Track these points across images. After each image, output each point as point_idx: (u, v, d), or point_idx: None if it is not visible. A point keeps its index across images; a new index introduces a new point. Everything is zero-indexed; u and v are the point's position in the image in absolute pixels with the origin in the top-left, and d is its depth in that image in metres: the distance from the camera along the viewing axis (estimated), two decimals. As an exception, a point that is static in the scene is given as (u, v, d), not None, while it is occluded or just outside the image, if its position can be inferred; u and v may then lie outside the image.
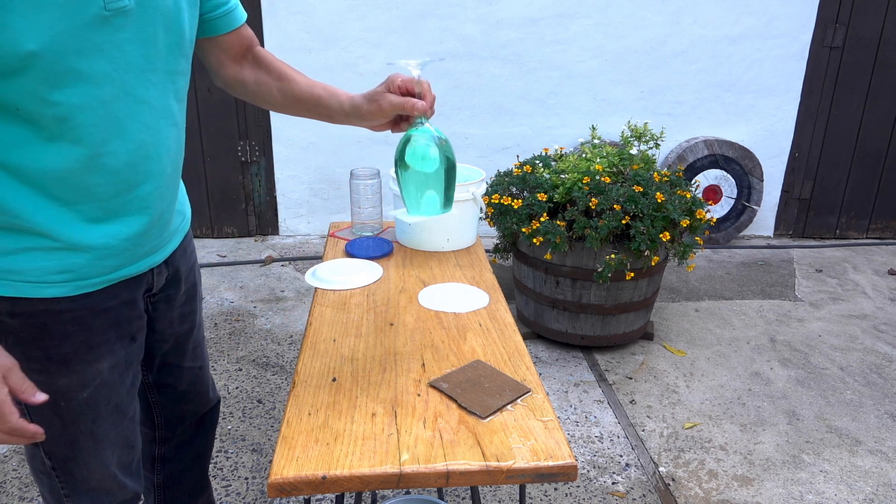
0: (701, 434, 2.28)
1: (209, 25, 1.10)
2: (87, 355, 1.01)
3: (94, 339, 1.01)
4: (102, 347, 1.03)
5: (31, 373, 0.98)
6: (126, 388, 1.10)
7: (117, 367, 1.06)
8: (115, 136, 0.91)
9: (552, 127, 3.94)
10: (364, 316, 1.34)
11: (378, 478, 0.91)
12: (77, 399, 1.02)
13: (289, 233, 4.07)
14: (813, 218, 4.25)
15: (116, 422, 1.09)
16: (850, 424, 2.36)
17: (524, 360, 1.19)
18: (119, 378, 1.07)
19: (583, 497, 1.97)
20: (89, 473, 1.10)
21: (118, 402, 1.08)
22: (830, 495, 2.01)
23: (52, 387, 1.00)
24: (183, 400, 1.35)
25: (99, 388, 1.03)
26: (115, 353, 1.05)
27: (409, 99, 1.07)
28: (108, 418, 1.07)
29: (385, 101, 1.08)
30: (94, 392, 1.02)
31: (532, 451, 0.95)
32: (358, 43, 3.69)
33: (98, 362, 1.03)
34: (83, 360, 1.00)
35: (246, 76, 1.19)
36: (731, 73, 3.91)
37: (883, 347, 2.90)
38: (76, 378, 1.01)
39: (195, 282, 1.28)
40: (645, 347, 2.84)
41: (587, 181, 2.53)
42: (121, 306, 1.05)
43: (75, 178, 0.90)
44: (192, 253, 1.26)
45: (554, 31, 3.74)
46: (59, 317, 0.97)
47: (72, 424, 1.04)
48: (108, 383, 1.05)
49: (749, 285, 3.50)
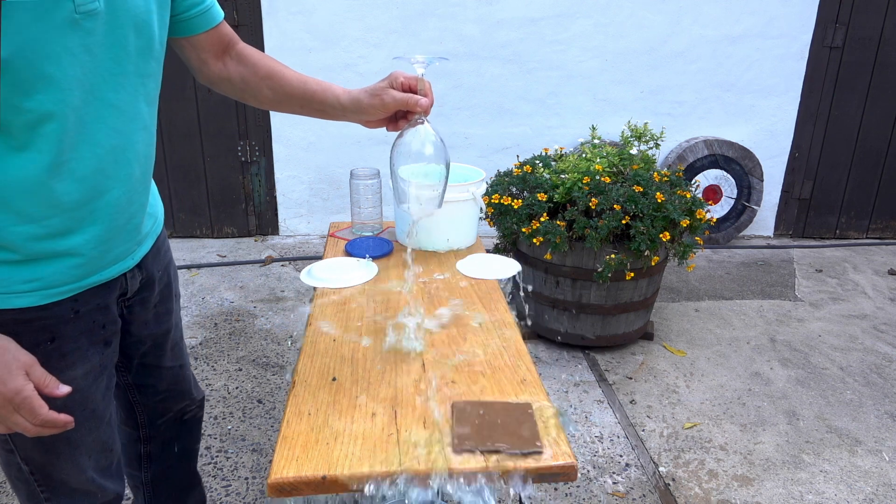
0: (701, 434, 2.28)
1: (186, 25, 1.10)
2: (59, 363, 1.00)
3: (66, 347, 1.00)
4: (75, 354, 1.02)
5: None
6: (101, 392, 1.09)
7: (91, 372, 1.05)
8: (84, 142, 0.90)
9: (552, 127, 3.94)
10: (363, 316, 1.34)
11: (378, 477, 0.91)
12: (52, 406, 0.99)
13: (289, 233, 4.07)
14: (813, 218, 4.25)
15: (93, 427, 1.09)
16: (850, 424, 2.36)
17: (524, 360, 1.19)
18: (93, 383, 1.06)
19: (583, 497, 1.97)
20: (68, 477, 1.09)
21: (94, 408, 1.08)
22: (830, 495, 2.01)
23: None
24: (165, 399, 1.35)
25: (73, 394, 1.00)
26: (88, 359, 1.04)
27: (412, 95, 1.07)
28: (85, 424, 1.07)
29: (388, 95, 1.08)
30: (69, 399, 0.99)
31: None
32: (358, 43, 3.69)
33: (71, 369, 1.02)
34: (56, 368, 0.97)
35: (231, 73, 1.18)
36: (731, 73, 3.91)
37: (883, 347, 2.90)
38: None
39: (169, 281, 1.27)
40: (645, 347, 2.84)
41: (587, 181, 2.53)
42: (92, 312, 1.03)
43: (42, 188, 0.88)
44: (165, 253, 1.25)
45: (554, 31, 3.74)
46: (29, 325, 0.96)
47: None
48: (82, 389, 1.04)
49: (749, 285, 3.50)
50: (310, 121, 3.95)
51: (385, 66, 3.74)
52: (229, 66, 1.18)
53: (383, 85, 1.09)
